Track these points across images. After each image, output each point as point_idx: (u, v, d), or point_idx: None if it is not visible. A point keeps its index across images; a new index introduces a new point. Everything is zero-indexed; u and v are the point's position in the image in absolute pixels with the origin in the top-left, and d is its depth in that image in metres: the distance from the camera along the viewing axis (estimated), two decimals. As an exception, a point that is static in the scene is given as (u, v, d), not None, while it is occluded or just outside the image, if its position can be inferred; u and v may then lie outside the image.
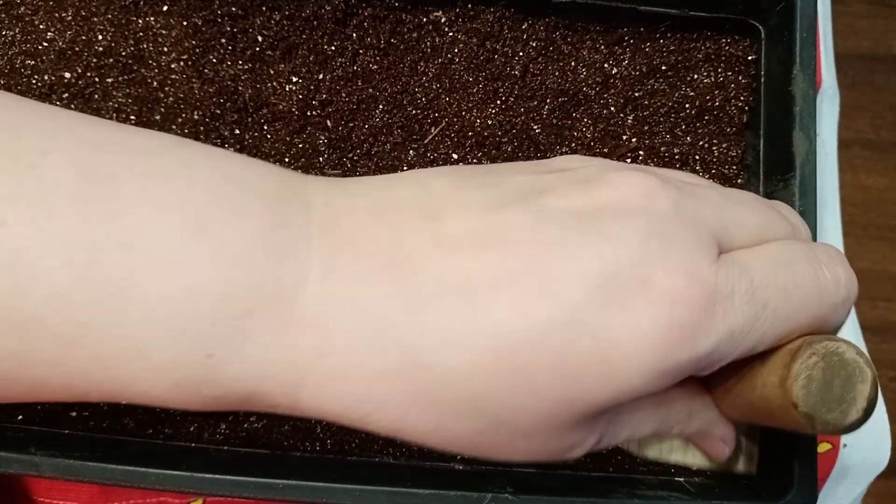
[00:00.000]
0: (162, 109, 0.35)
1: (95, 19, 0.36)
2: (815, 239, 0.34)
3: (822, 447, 0.37)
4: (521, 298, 0.19)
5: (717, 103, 0.38)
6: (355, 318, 0.19)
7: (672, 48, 0.38)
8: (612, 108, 0.38)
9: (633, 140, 0.38)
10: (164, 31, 0.36)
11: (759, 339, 0.20)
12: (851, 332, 0.40)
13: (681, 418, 0.25)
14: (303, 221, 0.20)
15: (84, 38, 0.36)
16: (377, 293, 0.19)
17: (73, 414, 0.33)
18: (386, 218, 0.21)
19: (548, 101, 0.37)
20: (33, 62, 0.35)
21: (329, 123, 0.36)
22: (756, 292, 0.20)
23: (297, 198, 0.21)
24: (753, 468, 0.31)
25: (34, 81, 0.35)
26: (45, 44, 0.35)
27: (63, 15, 0.35)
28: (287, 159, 0.36)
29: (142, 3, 0.36)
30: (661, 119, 0.38)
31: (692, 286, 0.19)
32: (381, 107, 0.37)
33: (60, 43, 0.35)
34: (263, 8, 0.36)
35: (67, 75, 0.35)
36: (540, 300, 0.19)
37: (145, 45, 0.36)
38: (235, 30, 0.36)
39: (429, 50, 0.37)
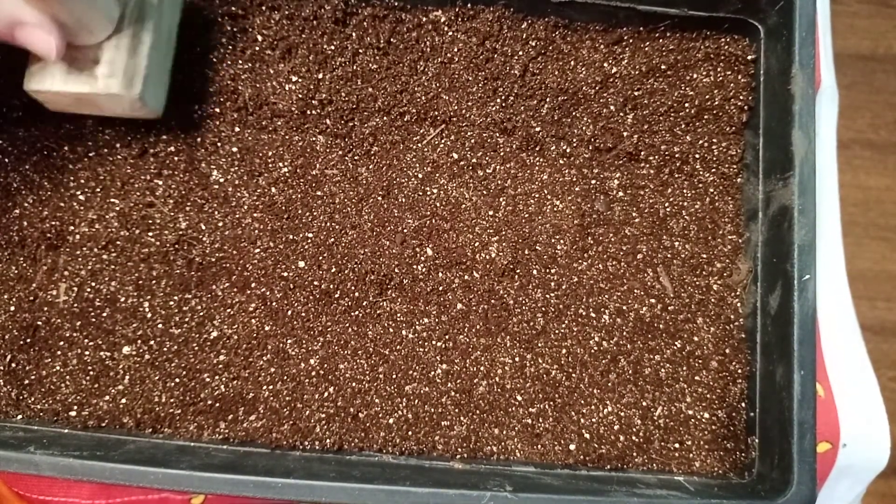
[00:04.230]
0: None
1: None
2: (814, 239, 0.34)
3: (822, 447, 0.37)
4: None
5: (716, 102, 0.38)
6: None
7: (671, 47, 0.38)
8: (612, 107, 0.38)
9: (633, 138, 0.38)
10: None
11: None
12: (852, 331, 0.40)
13: None
14: None
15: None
16: None
17: (73, 414, 0.33)
18: None
19: (547, 99, 0.37)
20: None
21: (328, 122, 0.36)
22: None
23: None
24: (135, 90, 0.31)
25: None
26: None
27: None
28: (286, 158, 0.36)
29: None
30: (661, 118, 0.38)
31: None
32: (380, 105, 0.37)
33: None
34: (263, 7, 0.36)
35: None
36: None
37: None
38: (235, 29, 0.36)
39: (428, 49, 0.37)
